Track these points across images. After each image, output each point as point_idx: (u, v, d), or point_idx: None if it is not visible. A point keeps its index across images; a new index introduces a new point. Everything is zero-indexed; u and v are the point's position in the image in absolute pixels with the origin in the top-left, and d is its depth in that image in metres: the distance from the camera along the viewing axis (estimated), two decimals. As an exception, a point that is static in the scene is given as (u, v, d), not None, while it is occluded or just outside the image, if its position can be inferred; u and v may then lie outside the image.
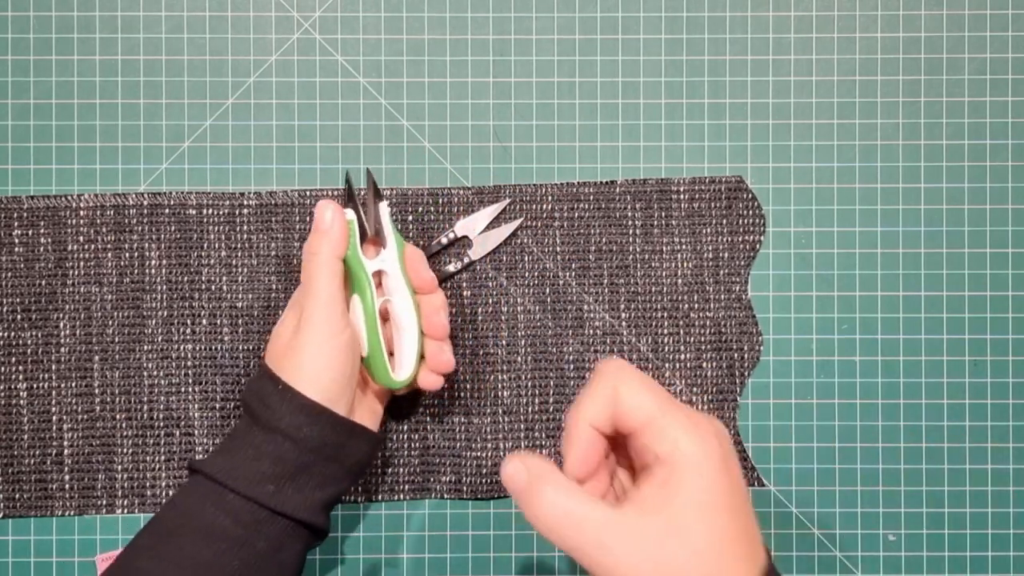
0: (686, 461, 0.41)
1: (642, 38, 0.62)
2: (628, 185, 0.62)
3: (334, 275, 0.53)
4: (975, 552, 0.62)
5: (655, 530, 0.40)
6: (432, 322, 0.56)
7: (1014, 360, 0.62)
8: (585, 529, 0.41)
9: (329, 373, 0.52)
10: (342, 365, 0.52)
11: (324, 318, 0.52)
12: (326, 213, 0.54)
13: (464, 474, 0.62)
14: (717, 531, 0.40)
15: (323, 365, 0.52)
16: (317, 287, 0.52)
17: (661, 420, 0.42)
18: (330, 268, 0.53)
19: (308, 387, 0.51)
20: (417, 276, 0.56)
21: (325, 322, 0.52)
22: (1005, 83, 0.63)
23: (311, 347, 0.51)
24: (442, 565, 0.62)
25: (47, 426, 0.61)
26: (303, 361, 0.51)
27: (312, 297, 0.52)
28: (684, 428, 0.41)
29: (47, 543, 0.61)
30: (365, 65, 0.62)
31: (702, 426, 0.42)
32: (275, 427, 0.51)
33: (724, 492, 0.41)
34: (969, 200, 0.63)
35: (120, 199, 0.61)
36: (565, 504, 0.42)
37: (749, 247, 0.62)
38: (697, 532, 0.40)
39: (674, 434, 0.41)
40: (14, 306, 0.61)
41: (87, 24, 0.62)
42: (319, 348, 0.52)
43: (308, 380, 0.51)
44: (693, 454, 0.41)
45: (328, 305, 0.52)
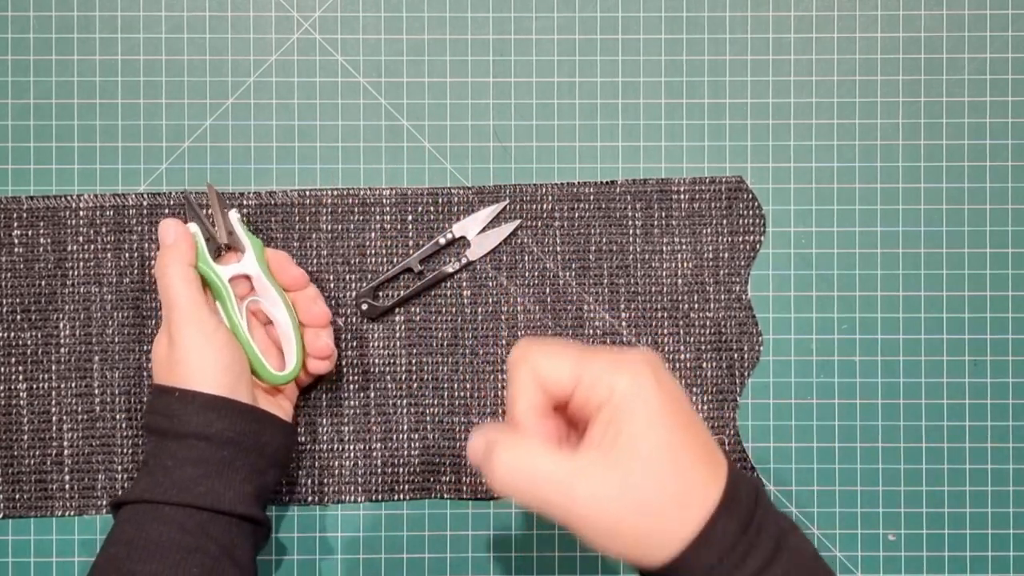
0: (624, 398, 0.41)
1: (642, 38, 0.62)
2: (628, 185, 0.62)
3: (189, 281, 0.54)
4: (975, 552, 0.62)
5: (611, 467, 0.40)
6: (311, 312, 0.58)
7: (1014, 360, 0.62)
8: (543, 480, 0.41)
9: (217, 366, 0.53)
10: (227, 357, 0.54)
11: (193, 320, 0.53)
12: (168, 230, 0.56)
13: (464, 474, 0.62)
14: (671, 453, 0.41)
15: (209, 361, 0.53)
16: (176, 296, 0.54)
17: (588, 372, 0.42)
18: (183, 276, 0.54)
19: (203, 385, 0.52)
20: (284, 275, 0.58)
21: (195, 323, 0.53)
22: (1005, 83, 0.63)
23: (191, 350, 0.53)
24: (442, 565, 0.62)
25: (47, 426, 0.61)
26: (189, 365, 0.53)
27: (176, 308, 0.54)
28: (613, 370, 0.41)
29: (47, 543, 0.61)
30: (365, 65, 0.62)
31: (629, 360, 0.42)
32: (185, 432, 0.52)
33: (669, 414, 0.41)
34: (969, 200, 0.63)
35: (120, 199, 0.61)
36: (520, 461, 0.42)
37: (749, 247, 0.62)
38: (652, 459, 0.40)
39: (606, 379, 0.41)
40: (14, 306, 0.61)
41: (87, 24, 0.62)
42: (199, 349, 0.53)
43: (200, 379, 0.53)
44: (628, 389, 0.41)
45: (192, 308, 0.54)
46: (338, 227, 0.62)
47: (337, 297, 0.61)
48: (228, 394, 0.53)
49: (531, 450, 0.42)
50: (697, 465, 0.41)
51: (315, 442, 0.61)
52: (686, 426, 0.41)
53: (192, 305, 0.54)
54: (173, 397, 0.52)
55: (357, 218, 0.62)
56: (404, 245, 0.62)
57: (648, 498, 0.40)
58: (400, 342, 0.62)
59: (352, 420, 0.62)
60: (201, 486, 0.51)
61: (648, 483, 0.40)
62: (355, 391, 0.62)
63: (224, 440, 0.52)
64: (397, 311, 0.62)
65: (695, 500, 0.41)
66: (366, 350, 0.62)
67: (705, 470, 0.41)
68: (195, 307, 0.54)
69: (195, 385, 0.52)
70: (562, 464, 0.41)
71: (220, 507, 0.51)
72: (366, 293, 0.61)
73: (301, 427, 0.61)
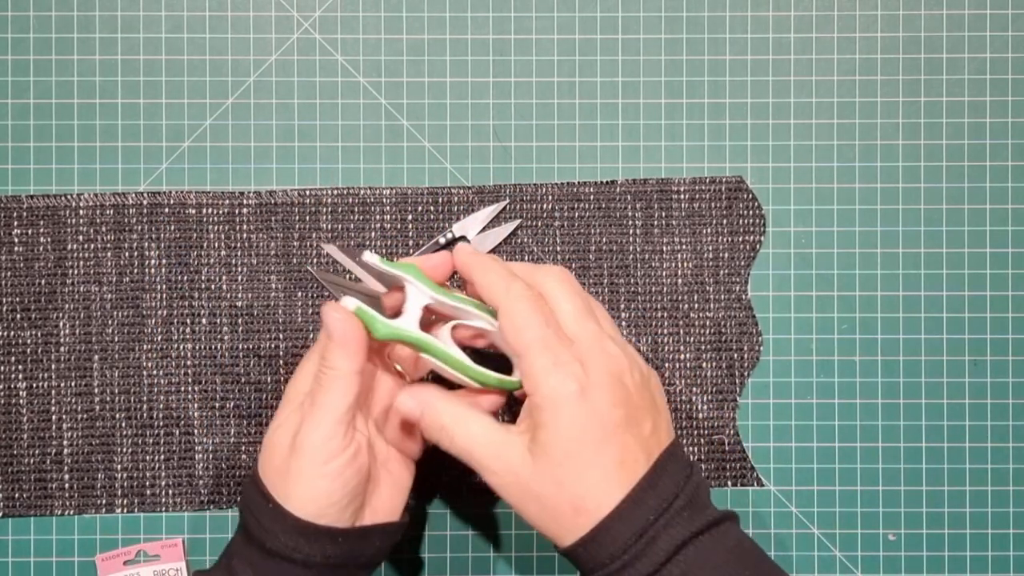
0: (542, 404, 0.46)
1: (642, 38, 0.63)
2: (628, 185, 0.62)
3: (349, 391, 0.48)
4: (975, 552, 0.62)
5: (525, 454, 0.46)
6: None
7: (1014, 360, 0.62)
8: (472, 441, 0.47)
9: (327, 498, 0.48)
10: (343, 487, 0.48)
11: (324, 438, 0.48)
12: (337, 322, 0.48)
13: (464, 474, 0.61)
14: (575, 464, 0.45)
15: (321, 491, 0.48)
16: (326, 403, 0.48)
17: (530, 359, 0.46)
18: (347, 384, 0.48)
19: (303, 508, 0.48)
20: (446, 275, 0.51)
21: (324, 445, 0.48)
22: (1005, 83, 0.63)
23: (307, 473, 0.48)
24: (442, 565, 0.61)
25: (47, 425, 0.61)
26: (299, 486, 0.48)
27: (317, 415, 0.48)
28: (544, 371, 0.46)
29: (47, 543, 0.61)
30: (365, 65, 0.62)
31: (562, 368, 0.46)
32: (271, 549, 0.48)
33: (582, 428, 0.45)
34: (969, 200, 0.63)
35: (120, 199, 0.61)
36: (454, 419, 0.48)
37: (749, 247, 0.62)
38: (556, 464, 0.45)
39: (536, 376, 0.46)
40: (13, 305, 0.61)
41: (87, 24, 0.62)
42: (316, 473, 0.48)
43: (302, 502, 0.48)
44: (550, 394, 0.45)
45: (335, 424, 0.48)
46: (338, 227, 0.62)
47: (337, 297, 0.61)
48: (329, 520, 0.48)
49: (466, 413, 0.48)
50: (602, 476, 0.45)
51: (315, 442, 0.61)
52: (599, 441, 0.45)
53: (337, 421, 0.48)
54: (267, 505, 0.48)
55: (357, 218, 0.62)
56: (404, 245, 0.62)
57: (548, 494, 0.45)
58: (400, 342, 0.62)
59: (352, 420, 0.62)
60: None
61: (548, 484, 0.45)
62: (355, 391, 0.62)
63: (311, 564, 0.48)
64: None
65: (589, 506, 0.45)
66: (366, 350, 0.61)
67: (608, 481, 0.45)
68: (338, 424, 0.48)
69: (292, 502, 0.48)
70: (489, 432, 0.47)
71: None
72: (365, 293, 0.61)
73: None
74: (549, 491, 0.45)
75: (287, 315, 0.61)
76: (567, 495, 0.45)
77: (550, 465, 0.45)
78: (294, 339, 0.61)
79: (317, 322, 0.61)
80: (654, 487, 0.45)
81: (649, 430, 0.47)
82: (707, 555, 0.45)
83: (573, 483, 0.45)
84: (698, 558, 0.44)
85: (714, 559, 0.45)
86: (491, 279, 0.49)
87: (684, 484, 0.46)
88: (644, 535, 0.44)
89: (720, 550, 0.45)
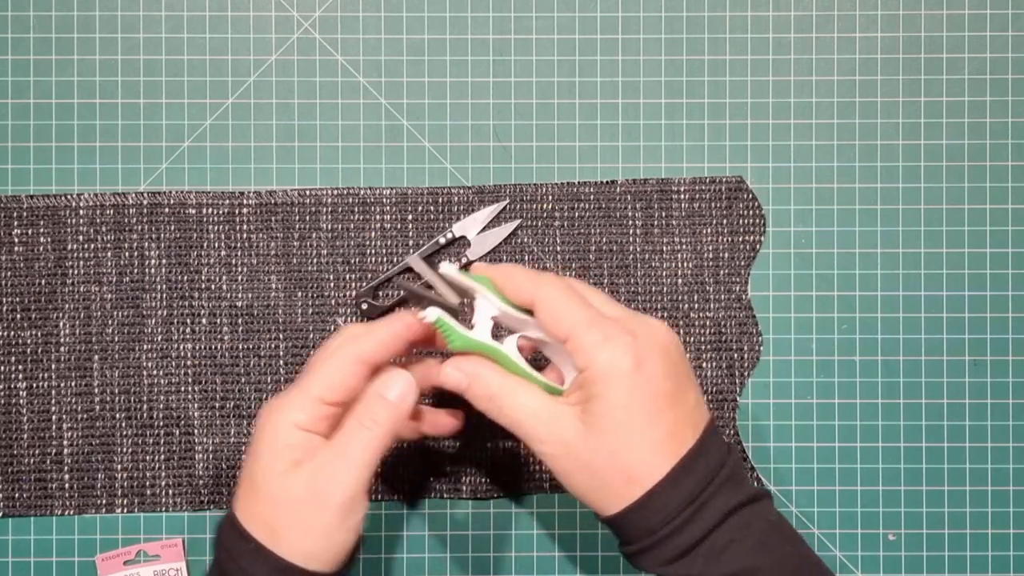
0: (597, 374, 0.46)
1: (642, 38, 0.63)
2: (628, 185, 0.62)
3: (380, 449, 0.48)
4: (975, 552, 0.62)
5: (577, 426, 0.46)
6: None
7: (1014, 360, 0.62)
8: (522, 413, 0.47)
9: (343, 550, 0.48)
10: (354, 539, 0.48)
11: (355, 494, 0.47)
12: (396, 384, 0.49)
13: (464, 474, 0.61)
14: (626, 434, 0.46)
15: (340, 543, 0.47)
16: (362, 460, 0.47)
17: (578, 336, 0.46)
18: (381, 444, 0.48)
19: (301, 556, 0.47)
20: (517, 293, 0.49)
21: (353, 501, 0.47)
22: (1005, 83, 0.63)
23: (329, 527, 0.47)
24: (442, 565, 0.62)
25: (47, 425, 0.61)
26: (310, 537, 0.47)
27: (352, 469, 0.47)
28: (595, 346, 0.46)
29: (47, 543, 0.61)
30: (365, 65, 0.62)
31: (614, 341, 0.46)
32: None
33: (634, 401, 0.46)
34: (969, 200, 0.63)
35: (120, 198, 0.61)
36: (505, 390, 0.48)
37: (749, 247, 0.62)
38: (609, 435, 0.46)
39: (588, 351, 0.46)
40: (14, 305, 0.61)
41: (87, 24, 0.62)
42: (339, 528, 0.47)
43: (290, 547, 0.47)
44: (603, 368, 0.46)
45: (367, 481, 0.48)
46: (338, 227, 0.62)
47: (337, 297, 0.61)
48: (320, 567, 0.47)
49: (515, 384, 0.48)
50: (653, 446, 0.46)
51: (315, 442, 0.61)
52: (652, 412, 0.46)
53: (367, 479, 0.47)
54: (247, 548, 0.47)
55: (357, 218, 0.62)
56: (404, 245, 0.62)
57: (599, 464, 0.46)
58: (400, 342, 0.62)
59: (352, 420, 0.62)
60: None
61: (600, 454, 0.46)
62: (355, 391, 0.62)
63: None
64: (397, 311, 0.62)
65: (641, 474, 0.46)
66: (366, 350, 0.61)
67: (659, 451, 0.46)
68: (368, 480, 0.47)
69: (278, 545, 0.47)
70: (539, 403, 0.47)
71: None
72: (366, 293, 0.61)
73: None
74: (601, 461, 0.46)
75: (287, 315, 0.61)
76: (619, 464, 0.46)
77: (603, 436, 0.46)
78: (294, 339, 0.61)
79: (317, 322, 0.61)
80: (703, 456, 0.46)
81: (693, 402, 0.48)
82: (751, 525, 0.46)
83: (625, 453, 0.46)
84: (743, 527, 0.46)
85: (757, 530, 0.46)
86: (519, 279, 0.49)
87: (727, 457, 0.48)
88: (694, 502, 0.45)
89: (762, 522, 0.47)
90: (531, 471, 0.62)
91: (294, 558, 0.47)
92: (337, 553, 0.47)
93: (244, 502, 0.48)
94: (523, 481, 0.62)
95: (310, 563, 0.47)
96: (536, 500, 0.62)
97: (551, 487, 0.62)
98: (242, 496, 0.48)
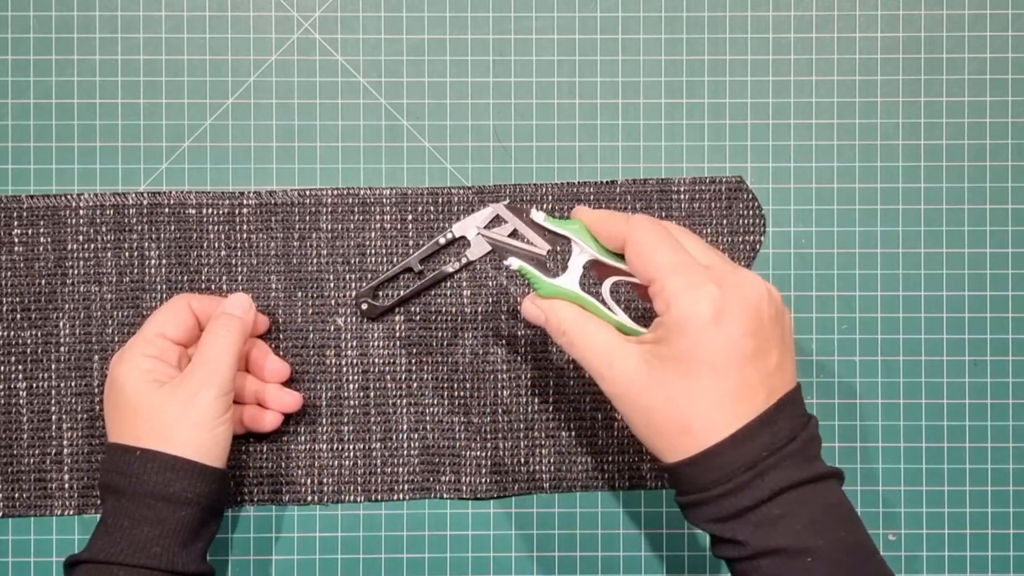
0: (672, 322, 0.45)
1: (642, 38, 0.63)
2: (629, 185, 0.62)
3: (235, 355, 0.55)
4: (975, 552, 0.62)
5: (646, 366, 0.46)
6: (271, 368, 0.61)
7: (1014, 360, 0.62)
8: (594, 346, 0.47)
9: (225, 442, 0.54)
10: (224, 436, 0.54)
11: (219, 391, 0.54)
12: (240, 301, 0.57)
13: (464, 474, 0.61)
14: (693, 384, 0.45)
15: (222, 435, 0.54)
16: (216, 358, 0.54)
17: (662, 279, 0.46)
18: (235, 349, 0.55)
19: (173, 447, 0.52)
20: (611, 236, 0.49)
21: (224, 398, 0.54)
22: (1005, 83, 0.63)
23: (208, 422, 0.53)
24: (442, 565, 0.62)
25: (47, 425, 0.61)
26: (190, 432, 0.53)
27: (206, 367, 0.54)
28: (677, 291, 0.45)
29: (47, 543, 0.61)
30: (365, 65, 0.62)
31: (698, 289, 0.45)
32: (143, 492, 0.51)
33: (709, 353, 0.44)
34: (969, 200, 0.63)
35: (120, 199, 0.61)
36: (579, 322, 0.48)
37: (749, 247, 0.62)
38: (672, 383, 0.45)
39: (669, 295, 0.45)
40: (14, 305, 0.61)
41: (87, 24, 0.62)
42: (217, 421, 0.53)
43: (175, 445, 0.52)
44: (683, 314, 0.45)
45: (225, 380, 0.54)
46: (338, 227, 0.62)
47: (337, 297, 0.61)
48: (198, 456, 0.53)
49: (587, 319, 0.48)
50: (715, 403, 0.45)
51: (315, 441, 0.61)
52: (721, 369, 0.44)
53: (225, 382, 0.54)
54: (134, 456, 0.52)
55: (357, 218, 0.62)
56: (404, 245, 0.62)
57: (656, 409, 0.45)
58: (400, 342, 0.62)
59: (352, 420, 0.62)
60: (156, 546, 0.51)
61: (658, 398, 0.45)
62: (355, 391, 0.62)
63: (183, 501, 0.52)
64: (397, 311, 0.62)
65: (696, 428, 0.45)
66: (366, 350, 0.62)
67: (721, 409, 0.45)
68: (226, 383, 0.54)
69: (163, 445, 0.52)
70: (607, 340, 0.47)
71: (175, 568, 0.51)
72: (366, 293, 0.61)
73: (300, 425, 0.61)
74: (657, 405, 0.45)
75: (287, 315, 0.61)
76: (675, 413, 0.45)
77: (664, 381, 0.45)
78: (294, 339, 0.61)
79: (317, 322, 0.61)
80: (771, 425, 0.45)
81: (774, 365, 0.46)
82: (806, 505, 0.45)
83: (684, 403, 0.45)
84: (797, 505, 0.45)
85: (812, 511, 0.45)
86: (612, 220, 0.49)
87: (800, 431, 0.46)
88: (752, 468, 0.44)
89: (820, 503, 0.45)
90: (531, 471, 0.62)
91: (182, 454, 0.52)
92: (220, 445, 0.53)
93: (119, 426, 0.53)
94: (523, 481, 0.62)
95: (200, 456, 0.52)
96: (536, 500, 0.62)
97: (551, 487, 0.62)
98: (116, 424, 0.54)
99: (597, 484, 0.62)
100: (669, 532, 0.62)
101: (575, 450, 0.62)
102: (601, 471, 0.62)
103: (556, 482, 0.62)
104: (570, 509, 0.62)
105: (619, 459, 0.62)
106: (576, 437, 0.62)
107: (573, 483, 0.62)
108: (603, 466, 0.62)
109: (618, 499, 0.62)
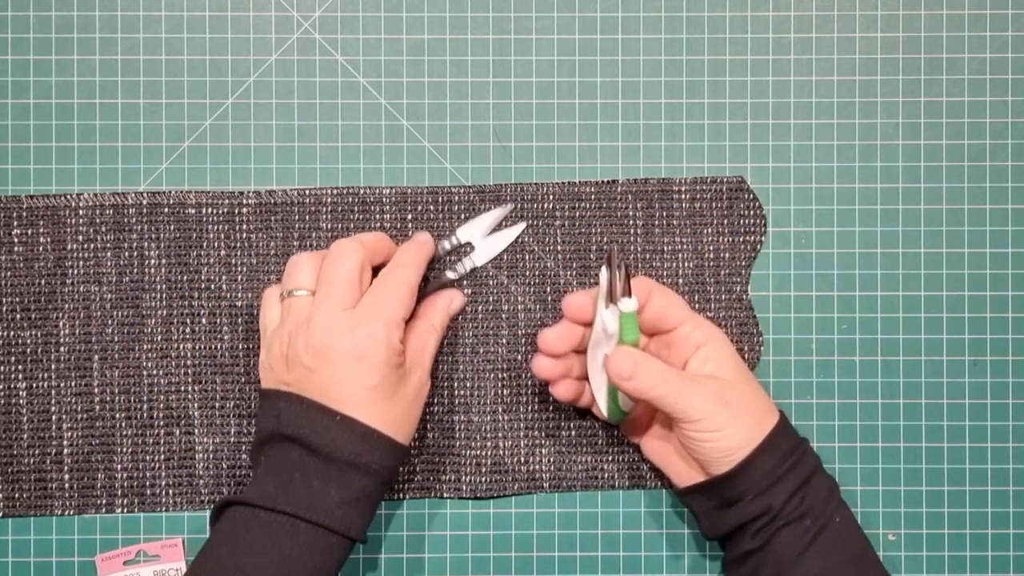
0: (718, 341, 0.56)
1: (642, 38, 0.63)
2: (629, 185, 0.62)
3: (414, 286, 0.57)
4: (975, 552, 0.62)
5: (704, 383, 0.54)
6: None
7: (1014, 360, 0.62)
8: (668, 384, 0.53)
9: (414, 421, 0.56)
10: (415, 416, 0.56)
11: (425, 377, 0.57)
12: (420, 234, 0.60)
13: (464, 473, 0.61)
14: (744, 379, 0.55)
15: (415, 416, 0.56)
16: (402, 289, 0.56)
17: (692, 320, 0.56)
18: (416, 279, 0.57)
19: (371, 419, 0.53)
20: None
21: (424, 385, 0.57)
22: (1005, 83, 0.63)
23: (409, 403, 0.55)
24: (442, 565, 0.62)
25: (47, 425, 0.61)
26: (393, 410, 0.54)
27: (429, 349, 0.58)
28: (708, 324, 0.56)
29: (47, 543, 0.61)
30: (365, 65, 0.62)
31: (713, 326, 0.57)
32: (337, 456, 0.52)
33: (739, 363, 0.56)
34: (969, 200, 0.63)
35: (120, 198, 0.61)
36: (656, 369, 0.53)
37: (750, 247, 0.62)
38: (735, 379, 0.55)
39: (706, 328, 0.56)
40: (13, 305, 0.61)
41: (87, 24, 0.62)
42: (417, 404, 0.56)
43: (372, 416, 0.53)
44: (720, 337, 0.56)
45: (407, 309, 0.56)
46: (338, 227, 0.62)
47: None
48: (391, 432, 0.54)
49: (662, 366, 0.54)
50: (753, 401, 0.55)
51: (315, 442, 0.61)
52: (748, 375, 0.56)
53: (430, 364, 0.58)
54: (333, 420, 0.52)
55: (357, 218, 0.62)
56: (404, 245, 0.62)
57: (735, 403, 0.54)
58: (400, 342, 0.62)
59: (352, 420, 0.61)
60: (340, 511, 0.52)
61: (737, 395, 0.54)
62: (355, 391, 0.61)
63: (370, 472, 0.53)
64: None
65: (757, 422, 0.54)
66: (366, 350, 0.61)
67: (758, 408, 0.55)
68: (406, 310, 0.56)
69: (361, 413, 0.53)
70: (677, 376, 0.54)
71: (350, 534, 0.52)
72: (366, 293, 0.61)
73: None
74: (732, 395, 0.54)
75: (287, 315, 0.61)
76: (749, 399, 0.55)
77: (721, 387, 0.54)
78: (294, 339, 0.61)
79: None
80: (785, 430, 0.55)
81: None
82: (820, 488, 0.54)
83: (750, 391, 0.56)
84: (816, 489, 0.54)
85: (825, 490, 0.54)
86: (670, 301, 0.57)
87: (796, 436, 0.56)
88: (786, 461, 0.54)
89: (827, 486, 0.55)
90: (531, 470, 0.62)
91: (377, 427, 0.53)
92: (413, 424, 0.56)
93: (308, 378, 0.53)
94: (523, 480, 0.62)
95: (393, 432, 0.54)
96: (536, 500, 0.62)
97: (551, 487, 0.62)
98: (304, 375, 0.53)
99: (597, 484, 0.62)
100: (669, 532, 0.62)
101: (575, 450, 0.62)
102: (601, 471, 0.62)
103: (556, 482, 0.62)
104: (570, 509, 0.62)
105: (619, 459, 0.62)
106: (576, 437, 0.62)
107: (573, 483, 0.62)
108: (603, 466, 0.62)
109: (618, 499, 0.62)
